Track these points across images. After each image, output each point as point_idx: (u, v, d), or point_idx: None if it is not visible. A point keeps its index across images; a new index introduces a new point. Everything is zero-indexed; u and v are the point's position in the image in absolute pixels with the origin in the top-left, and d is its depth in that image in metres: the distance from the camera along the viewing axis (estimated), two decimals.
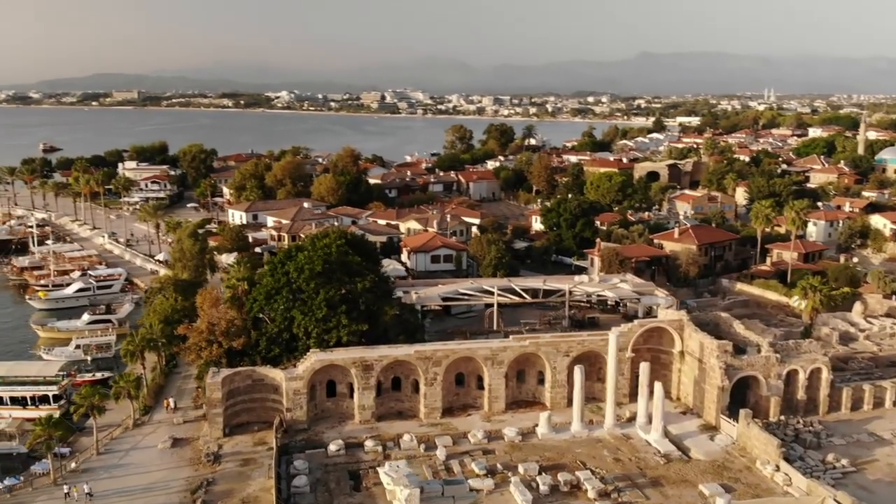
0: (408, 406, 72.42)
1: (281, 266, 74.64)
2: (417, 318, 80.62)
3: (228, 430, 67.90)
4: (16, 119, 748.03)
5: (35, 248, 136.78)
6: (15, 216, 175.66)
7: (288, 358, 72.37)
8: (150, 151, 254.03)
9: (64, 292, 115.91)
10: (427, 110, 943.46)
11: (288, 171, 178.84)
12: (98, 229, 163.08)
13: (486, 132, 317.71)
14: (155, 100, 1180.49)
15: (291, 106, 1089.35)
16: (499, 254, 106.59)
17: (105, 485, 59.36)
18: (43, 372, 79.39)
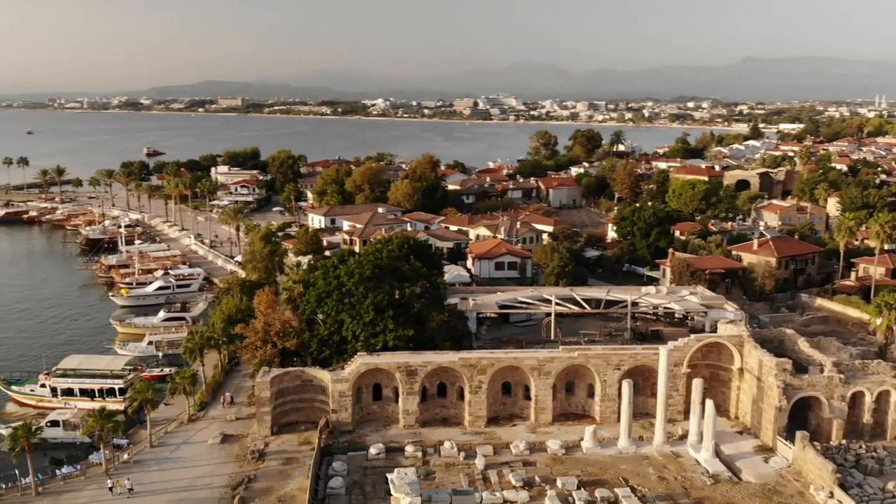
0: (453, 413, 72.04)
1: (333, 270, 75.80)
2: (465, 325, 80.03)
3: (277, 429, 69.29)
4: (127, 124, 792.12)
5: (123, 248, 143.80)
6: (110, 216, 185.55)
7: (338, 360, 73.32)
8: (243, 157, 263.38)
9: (144, 290, 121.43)
10: (519, 116, 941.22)
11: (367, 176, 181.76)
12: (186, 230, 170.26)
13: (571, 138, 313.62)
14: (258, 107, 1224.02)
15: (386, 113, 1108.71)
16: (562, 262, 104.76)
17: (153, 477, 61.65)
18: (110, 366, 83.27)
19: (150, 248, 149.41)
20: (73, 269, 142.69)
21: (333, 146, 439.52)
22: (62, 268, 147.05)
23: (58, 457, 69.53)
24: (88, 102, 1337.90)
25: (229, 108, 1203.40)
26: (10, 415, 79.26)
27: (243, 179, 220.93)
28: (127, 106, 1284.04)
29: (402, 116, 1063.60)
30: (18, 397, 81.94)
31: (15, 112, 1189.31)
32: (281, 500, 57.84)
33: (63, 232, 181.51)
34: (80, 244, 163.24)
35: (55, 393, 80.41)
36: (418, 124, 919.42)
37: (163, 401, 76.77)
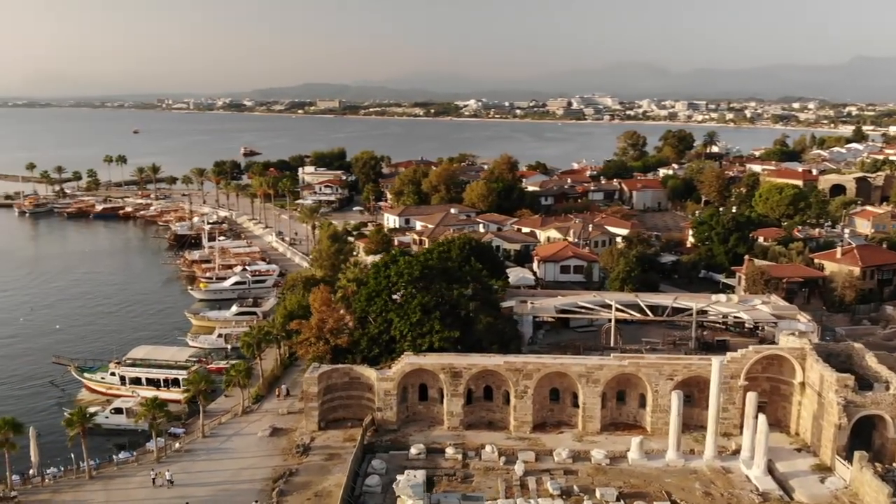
0: (499, 417, 71.37)
1: (384, 269, 76.44)
2: (514, 328, 79.08)
3: (324, 425, 70.41)
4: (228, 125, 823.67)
5: (206, 244, 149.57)
6: (199, 213, 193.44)
7: (387, 359, 73.91)
8: (330, 157, 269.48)
9: (221, 285, 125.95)
10: (614, 116, 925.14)
11: (442, 177, 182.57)
12: (269, 228, 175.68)
13: (662, 138, 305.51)
14: (354, 109, 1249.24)
15: (478, 114, 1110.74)
16: (628, 266, 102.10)
17: (200, 466, 63.83)
18: (175, 357, 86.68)
19: (230, 244, 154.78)
20: (159, 264, 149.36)
21: (422, 147, 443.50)
22: (150, 262, 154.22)
23: (120, 443, 72.73)
24: (194, 103, 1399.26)
25: (327, 109, 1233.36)
26: (81, 401, 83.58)
27: (327, 179, 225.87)
28: (230, 107, 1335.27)
29: (493, 117, 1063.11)
30: (91, 384, 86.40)
31: (126, 112, 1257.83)
32: (318, 494, 58.73)
33: (155, 227, 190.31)
34: (169, 239, 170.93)
35: (123, 381, 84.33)
36: (509, 125, 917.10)
37: (223, 392, 79.63)
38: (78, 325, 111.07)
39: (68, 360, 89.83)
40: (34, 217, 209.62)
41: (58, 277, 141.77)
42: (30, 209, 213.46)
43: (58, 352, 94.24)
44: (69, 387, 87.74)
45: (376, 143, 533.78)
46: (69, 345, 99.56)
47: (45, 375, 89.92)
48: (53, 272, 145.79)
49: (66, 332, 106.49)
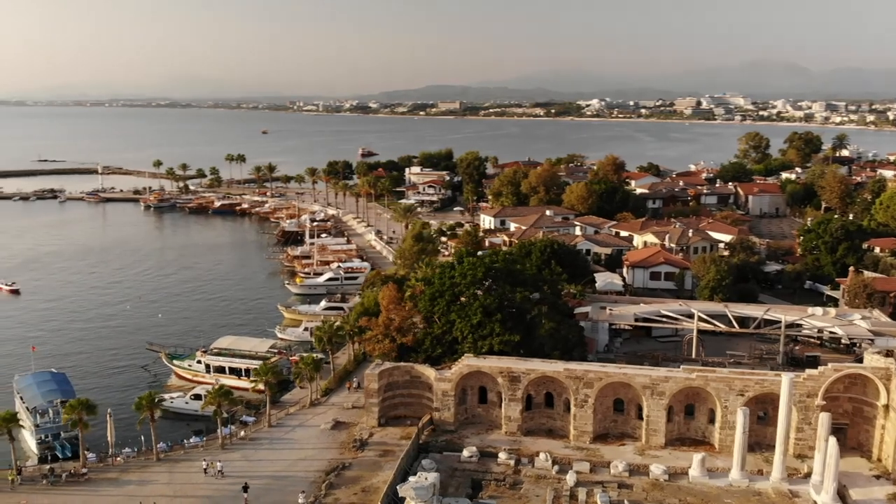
0: (559, 425, 69.80)
1: (449, 270, 76.45)
2: (580, 335, 76.92)
3: (384, 421, 71.29)
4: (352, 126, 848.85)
5: (308, 240, 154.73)
6: (308, 211, 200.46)
7: (449, 359, 73.91)
8: (437, 158, 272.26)
9: (316, 280, 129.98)
10: (746, 116, 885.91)
11: (542, 178, 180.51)
12: (371, 227, 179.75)
13: (786, 140, 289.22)
14: (473, 110, 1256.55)
15: (601, 114, 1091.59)
16: (719, 275, 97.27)
17: (261, 455, 66.10)
18: (257, 348, 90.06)
19: (330, 241, 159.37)
20: (264, 258, 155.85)
21: (536, 147, 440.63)
22: (256, 256, 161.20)
23: (198, 428, 76.16)
24: (323, 106, 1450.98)
25: (447, 111, 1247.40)
26: (169, 387, 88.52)
27: (431, 180, 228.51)
28: (357, 109, 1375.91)
29: (616, 117, 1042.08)
30: (179, 371, 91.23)
31: (259, 113, 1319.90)
32: (365, 490, 59.49)
33: (267, 224, 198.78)
34: (277, 235, 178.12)
35: (208, 370, 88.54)
36: (633, 125, 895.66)
37: (297, 384, 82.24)
38: (178, 314, 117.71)
39: (160, 347, 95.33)
40: (158, 211, 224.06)
41: (170, 268, 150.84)
42: (154, 203, 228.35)
43: (154, 339, 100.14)
44: (160, 373, 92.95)
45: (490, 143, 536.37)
46: (166, 332, 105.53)
47: (141, 361, 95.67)
48: (167, 263, 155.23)
49: (166, 321, 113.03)
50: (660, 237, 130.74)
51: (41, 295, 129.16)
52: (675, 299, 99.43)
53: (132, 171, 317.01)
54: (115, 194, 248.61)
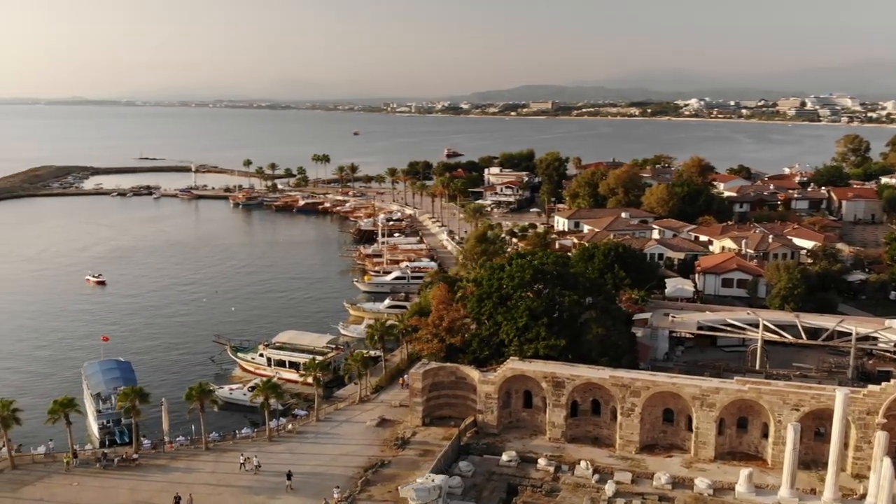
0: (606, 433, 68.06)
1: (498, 271, 75.77)
2: (630, 342, 74.66)
3: (429, 421, 71.36)
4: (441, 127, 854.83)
5: (380, 239, 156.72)
6: (386, 210, 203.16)
7: (497, 361, 73.31)
8: (518, 158, 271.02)
9: (383, 279, 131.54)
10: (853, 118, 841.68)
11: (621, 180, 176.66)
12: (444, 227, 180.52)
13: (889, 143, 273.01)
14: (566, 110, 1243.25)
15: (699, 114, 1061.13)
16: (790, 283, 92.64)
17: (305, 448, 67.31)
18: (315, 343, 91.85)
19: (402, 241, 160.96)
20: (338, 256, 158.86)
21: (627, 148, 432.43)
22: (333, 254, 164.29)
23: (255, 419, 78.47)
24: (416, 107, 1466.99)
25: (539, 111, 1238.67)
26: (233, 378, 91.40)
27: (509, 180, 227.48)
28: (448, 110, 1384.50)
29: (716, 117, 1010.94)
30: (243, 364, 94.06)
31: (355, 115, 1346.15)
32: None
33: (347, 222, 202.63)
34: (353, 234, 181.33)
35: (269, 363, 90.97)
36: (732, 125, 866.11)
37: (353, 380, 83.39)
38: (250, 308, 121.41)
39: (226, 339, 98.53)
40: (246, 209, 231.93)
41: (249, 264, 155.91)
42: (242, 201, 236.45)
43: (224, 332, 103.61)
44: (226, 365, 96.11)
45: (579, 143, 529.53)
46: (235, 326, 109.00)
47: (209, 353, 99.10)
48: (246, 259, 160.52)
49: (238, 314, 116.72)
50: (738, 242, 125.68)
51: (125, 287, 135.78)
52: (744, 307, 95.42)
53: (225, 169, 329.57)
54: (207, 192, 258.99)
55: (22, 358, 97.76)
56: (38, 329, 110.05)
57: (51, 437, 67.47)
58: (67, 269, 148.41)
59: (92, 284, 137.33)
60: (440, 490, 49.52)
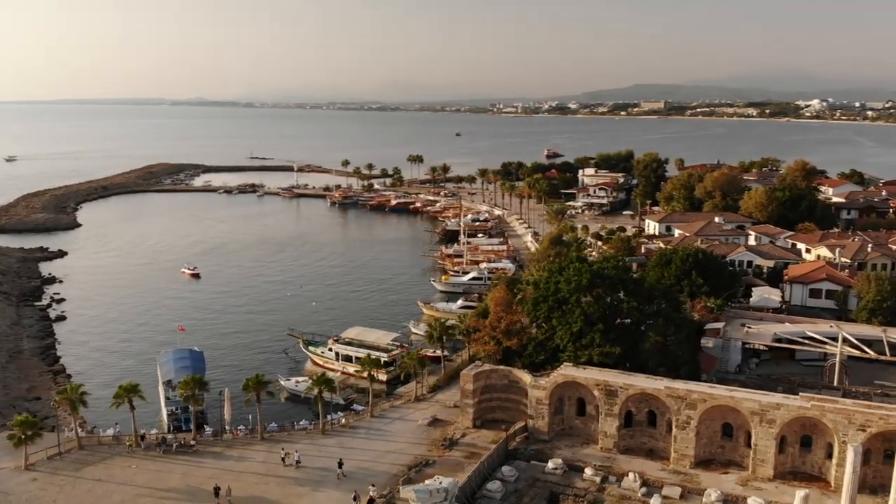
0: (661, 446, 65.53)
1: (556, 274, 74.34)
2: (690, 352, 71.44)
3: (480, 423, 70.92)
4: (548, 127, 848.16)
5: (462, 239, 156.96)
6: (475, 210, 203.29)
7: (552, 366, 72.04)
8: (615, 159, 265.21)
9: (460, 279, 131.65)
10: None
11: (719, 183, 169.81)
12: (531, 228, 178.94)
13: None
14: (679, 110, 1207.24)
15: (821, 115, 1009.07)
16: (879, 295, 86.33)
17: (355, 443, 68.22)
18: (380, 340, 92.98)
19: (483, 241, 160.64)
20: (419, 255, 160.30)
21: (739, 150, 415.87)
22: (417, 253, 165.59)
23: (317, 412, 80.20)
24: (522, 107, 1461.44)
25: (650, 111, 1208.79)
26: (305, 372, 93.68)
27: (603, 182, 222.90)
28: (555, 110, 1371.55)
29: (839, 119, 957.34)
30: (314, 358, 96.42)
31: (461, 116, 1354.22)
32: None
33: (435, 222, 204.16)
34: (439, 233, 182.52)
35: (337, 357, 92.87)
36: (856, 127, 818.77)
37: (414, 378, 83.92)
38: (329, 303, 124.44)
39: (299, 333, 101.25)
40: (342, 207, 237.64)
41: (336, 260, 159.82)
42: (339, 200, 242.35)
43: (302, 326, 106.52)
44: (300, 358, 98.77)
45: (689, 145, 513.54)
46: (312, 320, 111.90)
47: (284, 346, 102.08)
48: (335, 256, 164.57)
49: (317, 309, 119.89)
50: (832, 250, 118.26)
51: (217, 280, 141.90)
52: (830, 320, 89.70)
53: (326, 169, 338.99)
54: (307, 191, 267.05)
55: (110, 344, 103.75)
56: (130, 318, 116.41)
57: (116, 422, 71.35)
58: (167, 261, 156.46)
59: (187, 277, 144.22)
60: (446, 493, 49.02)
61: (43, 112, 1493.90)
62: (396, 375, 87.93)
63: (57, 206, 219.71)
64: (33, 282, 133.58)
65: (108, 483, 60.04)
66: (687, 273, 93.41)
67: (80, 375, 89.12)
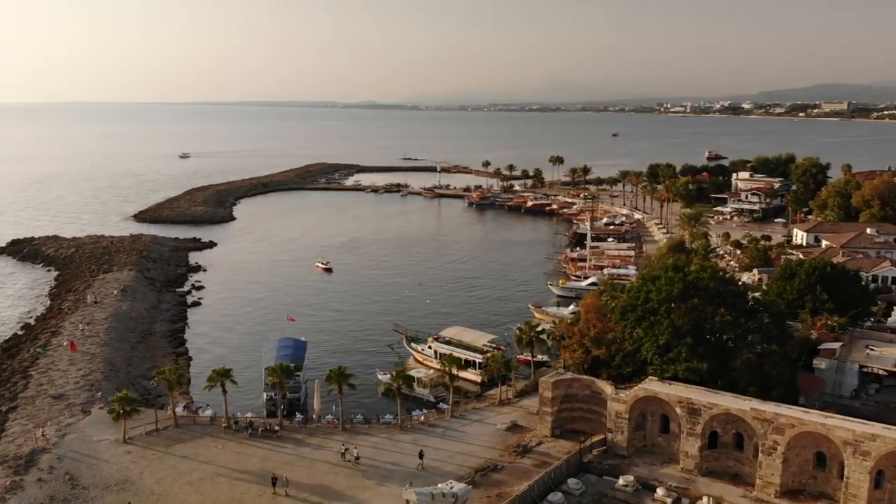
0: (748, 471, 60.84)
1: (649, 282, 70.85)
2: (787, 372, 65.39)
3: (560, 432, 69.11)
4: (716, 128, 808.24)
5: (588, 243, 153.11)
6: (610, 214, 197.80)
7: (638, 379, 68.85)
8: (774, 163, 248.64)
9: (578, 284, 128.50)
10: None
11: (878, 191, 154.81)
12: (669, 233, 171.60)
13: None
14: (864, 111, 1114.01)
15: None
16: None
17: (429, 441, 68.40)
18: (477, 341, 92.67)
19: (610, 245, 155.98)
20: (543, 258, 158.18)
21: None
22: (542, 256, 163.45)
23: (409, 408, 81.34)
24: (691, 107, 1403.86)
25: (832, 112, 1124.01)
26: (407, 368, 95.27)
27: (757, 187, 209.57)
28: (727, 110, 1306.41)
29: None
30: (416, 354, 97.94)
31: (624, 116, 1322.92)
32: (500, 496, 58.58)
33: (569, 225, 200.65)
34: (570, 236, 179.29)
35: (436, 355, 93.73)
36: None
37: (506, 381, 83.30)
38: (443, 301, 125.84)
39: (404, 329, 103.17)
40: (479, 208, 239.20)
41: (460, 259, 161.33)
42: (476, 201, 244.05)
43: (411, 322, 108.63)
44: (404, 354, 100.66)
45: (868, 149, 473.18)
46: (421, 317, 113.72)
47: (391, 341, 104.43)
48: (461, 255, 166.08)
49: (430, 307, 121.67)
50: None
51: (347, 275, 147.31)
52: None
53: (468, 169, 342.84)
54: (448, 191, 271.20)
55: (232, 330, 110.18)
56: (257, 306, 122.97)
57: (207, 403, 76.15)
58: (305, 255, 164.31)
59: (320, 270, 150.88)
60: (455, 498, 47.87)
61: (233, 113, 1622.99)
62: (490, 377, 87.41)
63: (217, 201, 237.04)
64: (179, 269, 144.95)
65: (192, 461, 64.10)
66: (811, 287, 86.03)
67: (199, 358, 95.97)
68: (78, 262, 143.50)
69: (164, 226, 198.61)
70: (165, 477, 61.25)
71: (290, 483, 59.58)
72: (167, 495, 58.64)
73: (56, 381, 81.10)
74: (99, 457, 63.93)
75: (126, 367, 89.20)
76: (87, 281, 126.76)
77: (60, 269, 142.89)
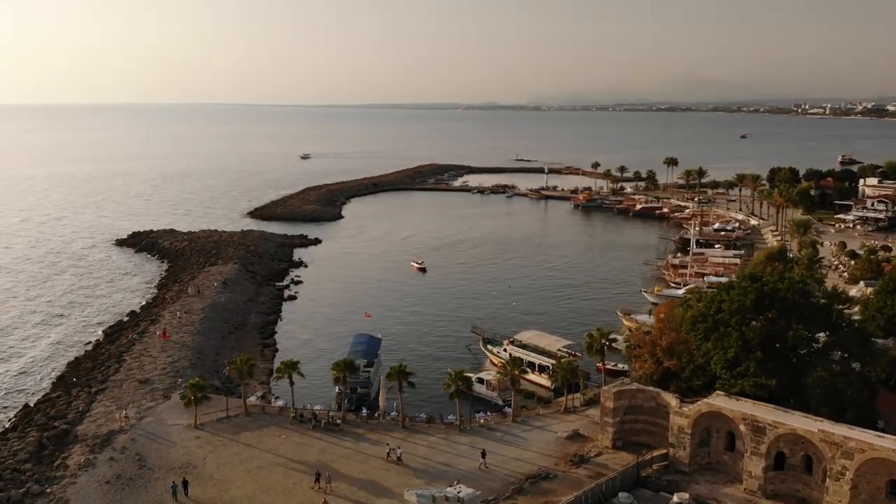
0: (815, 496, 56.79)
1: (724, 292, 67.30)
2: (865, 393, 60.16)
3: (621, 444, 66.91)
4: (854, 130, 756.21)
5: (692, 249, 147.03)
6: (724, 219, 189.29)
7: (707, 393, 65.64)
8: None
9: (673, 292, 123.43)
10: None
11: None
12: (784, 241, 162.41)
13: None
14: None
15: None
16: None
17: (486, 444, 67.52)
18: (551, 346, 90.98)
19: (715, 252, 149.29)
20: (642, 263, 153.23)
21: None
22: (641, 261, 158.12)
23: (477, 409, 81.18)
24: (831, 108, 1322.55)
25: None
26: (483, 369, 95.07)
27: (886, 194, 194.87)
28: (870, 112, 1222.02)
29: None
30: (492, 356, 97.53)
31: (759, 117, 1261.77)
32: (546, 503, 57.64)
33: (679, 229, 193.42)
34: (675, 241, 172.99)
35: (510, 358, 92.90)
36: None
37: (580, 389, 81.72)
38: (527, 304, 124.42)
39: (482, 330, 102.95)
40: (585, 210, 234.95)
41: (556, 262, 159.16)
42: (582, 203, 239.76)
43: (495, 324, 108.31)
44: (481, 355, 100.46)
45: None
46: (502, 319, 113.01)
47: (469, 341, 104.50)
48: (557, 258, 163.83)
49: (514, 308, 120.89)
50: None
51: (440, 274, 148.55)
52: None
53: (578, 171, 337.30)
54: (554, 192, 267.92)
55: (320, 325, 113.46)
56: (347, 303, 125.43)
57: (277, 395, 78.83)
58: (404, 254, 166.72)
59: (414, 270, 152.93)
60: (461, 503, 46.80)
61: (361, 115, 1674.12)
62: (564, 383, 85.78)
63: (328, 200, 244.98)
64: (282, 264, 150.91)
65: (255, 449, 66.59)
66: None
67: (285, 350, 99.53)
68: (188, 255, 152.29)
69: (277, 223, 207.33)
70: (226, 463, 63.96)
71: (336, 478, 60.72)
72: (225, 480, 61.21)
73: (146, 366, 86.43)
74: (169, 440, 67.58)
75: (214, 355, 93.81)
76: (193, 273, 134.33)
77: (172, 260, 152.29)
